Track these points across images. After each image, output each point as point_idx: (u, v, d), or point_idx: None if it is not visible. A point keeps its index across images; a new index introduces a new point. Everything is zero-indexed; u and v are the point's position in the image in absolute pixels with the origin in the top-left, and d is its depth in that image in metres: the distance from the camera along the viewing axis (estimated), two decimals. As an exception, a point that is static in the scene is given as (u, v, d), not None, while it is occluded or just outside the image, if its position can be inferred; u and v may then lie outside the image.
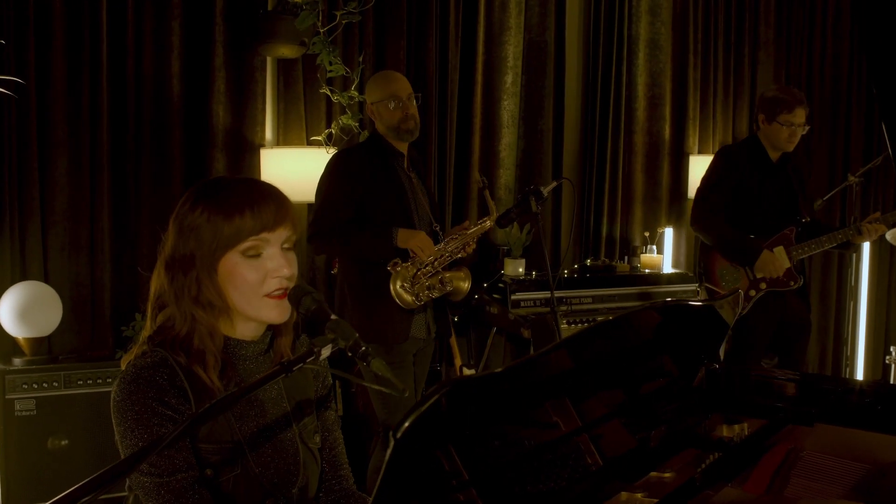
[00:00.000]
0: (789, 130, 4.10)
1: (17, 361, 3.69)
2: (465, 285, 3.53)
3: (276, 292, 1.63)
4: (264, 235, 1.61)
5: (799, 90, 4.43)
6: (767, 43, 6.02)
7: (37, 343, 3.76)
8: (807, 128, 4.17)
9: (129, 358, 1.64)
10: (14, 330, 3.71)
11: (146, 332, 1.67)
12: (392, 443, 0.99)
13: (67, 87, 3.93)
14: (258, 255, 1.62)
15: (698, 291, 4.69)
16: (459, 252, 3.50)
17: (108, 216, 4.06)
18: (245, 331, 1.70)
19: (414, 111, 3.50)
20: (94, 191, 4.03)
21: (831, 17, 6.23)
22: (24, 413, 3.58)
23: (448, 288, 3.46)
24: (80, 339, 4.04)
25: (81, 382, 3.70)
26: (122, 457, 1.54)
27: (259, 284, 1.62)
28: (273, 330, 1.75)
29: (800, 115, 4.10)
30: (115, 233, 4.11)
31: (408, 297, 3.35)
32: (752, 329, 4.19)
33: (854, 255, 5.20)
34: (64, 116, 3.93)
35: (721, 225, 4.19)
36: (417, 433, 1.01)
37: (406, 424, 1.00)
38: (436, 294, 3.42)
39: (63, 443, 3.64)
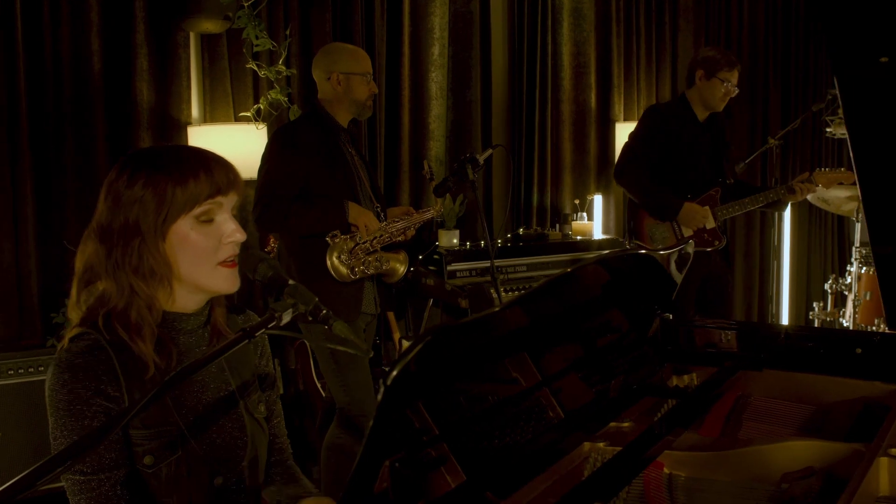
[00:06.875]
0: (725, 88, 4.23)
1: (-57, 354, 3.56)
2: (401, 268, 3.53)
3: (229, 259, 1.59)
4: (219, 199, 1.57)
5: None
6: (687, 10, 6.13)
7: (-37, 334, 3.64)
8: (736, 90, 4.28)
9: (64, 341, 1.56)
10: (-62, 321, 3.58)
11: (76, 313, 1.59)
12: (382, 389, 0.99)
13: (-20, 68, 3.79)
14: (211, 221, 1.57)
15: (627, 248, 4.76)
16: (400, 235, 3.49)
17: (32, 201, 3.94)
18: (187, 303, 1.64)
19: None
20: (15, 175, 3.89)
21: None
22: (-46, 406, 3.47)
23: (384, 267, 3.45)
24: (8, 328, 3.92)
25: (12, 372, 3.60)
26: (52, 445, 1.50)
27: (213, 251, 1.57)
28: (209, 301, 1.69)
29: (736, 76, 4.26)
30: (40, 218, 3.98)
31: (343, 270, 3.33)
32: (681, 287, 4.25)
33: (777, 214, 5.35)
34: (-22, 99, 3.79)
35: (645, 179, 4.27)
36: (406, 381, 1.01)
37: (394, 373, 1.00)
38: (371, 271, 3.40)
39: (-3, 435, 3.54)
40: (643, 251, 1.85)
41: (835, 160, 6.78)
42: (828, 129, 5.45)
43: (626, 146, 4.42)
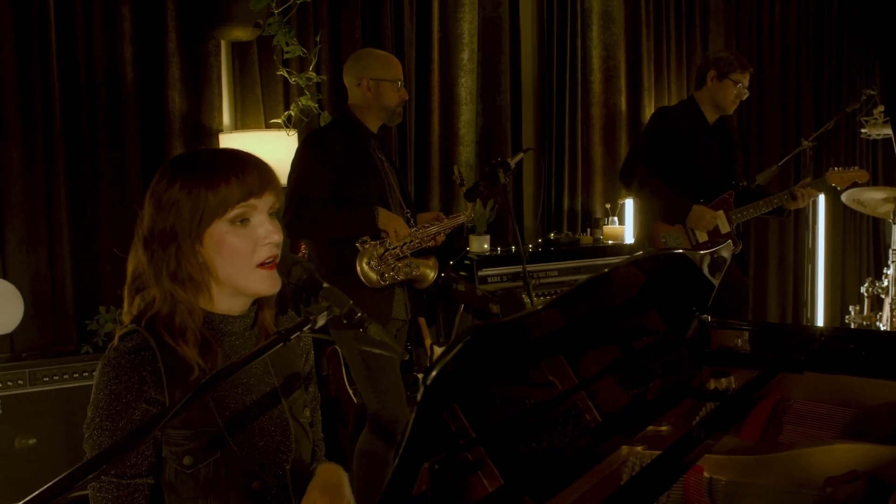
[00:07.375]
0: (737, 91, 4.16)
1: (-21, 361, 3.60)
2: (432, 274, 3.50)
3: (268, 261, 1.59)
4: (252, 202, 1.56)
5: None
6: (717, 12, 6.09)
7: (-1, 341, 3.68)
8: (747, 93, 4.23)
9: (115, 339, 1.58)
10: (-25, 328, 3.62)
11: (126, 317, 1.61)
12: (422, 389, 0.98)
13: (17, 77, 3.82)
14: (246, 223, 1.57)
15: None
16: (430, 241, 3.48)
17: (66, 208, 3.97)
18: (231, 305, 1.64)
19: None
20: (50, 183, 3.93)
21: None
22: (-10, 413, 3.50)
23: (414, 273, 3.43)
24: (43, 335, 3.95)
25: (48, 379, 3.62)
26: (84, 435, 1.52)
27: (250, 254, 1.57)
28: (258, 303, 1.70)
29: (748, 79, 4.19)
30: (74, 225, 4.02)
31: (373, 276, 3.31)
32: None
33: (811, 216, 5.29)
34: (15, 108, 3.83)
35: (652, 180, 4.16)
36: (444, 381, 1.00)
37: (434, 373, 0.99)
38: (401, 277, 3.38)
39: (31, 441, 3.55)
40: (679, 251, 1.82)
41: (869, 162, 6.69)
42: (863, 130, 5.38)
43: (633, 149, 4.36)
